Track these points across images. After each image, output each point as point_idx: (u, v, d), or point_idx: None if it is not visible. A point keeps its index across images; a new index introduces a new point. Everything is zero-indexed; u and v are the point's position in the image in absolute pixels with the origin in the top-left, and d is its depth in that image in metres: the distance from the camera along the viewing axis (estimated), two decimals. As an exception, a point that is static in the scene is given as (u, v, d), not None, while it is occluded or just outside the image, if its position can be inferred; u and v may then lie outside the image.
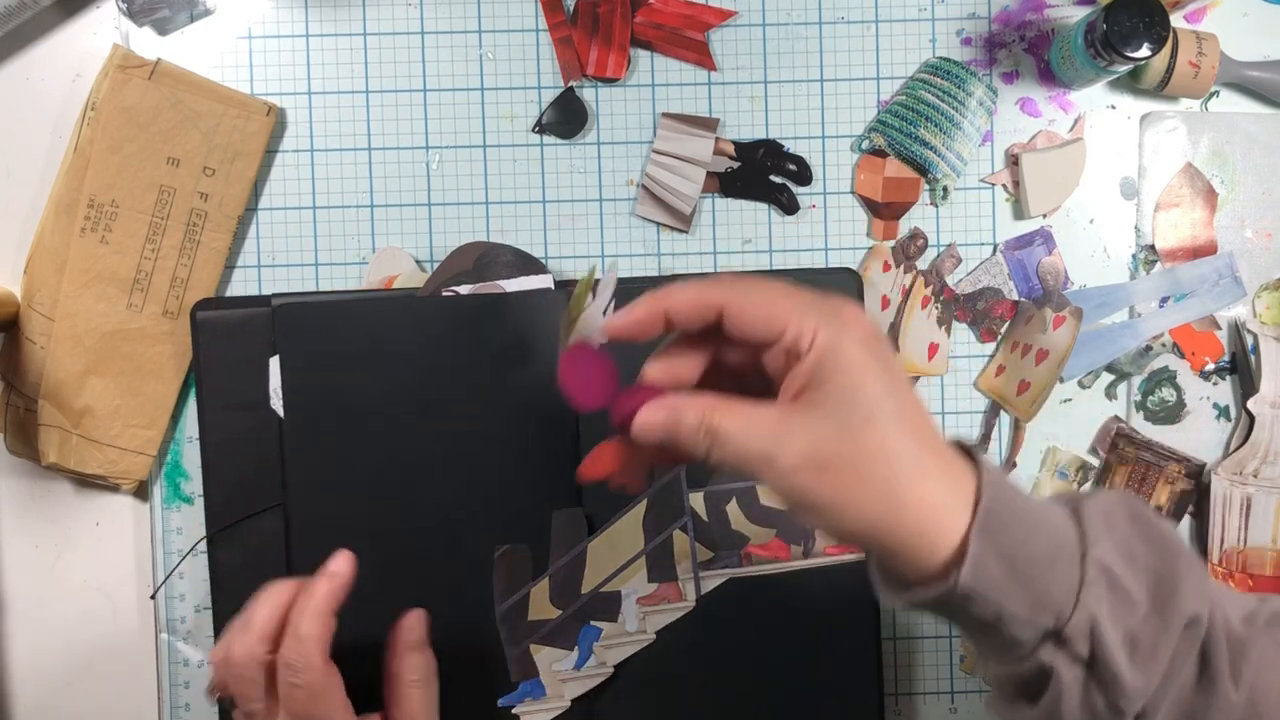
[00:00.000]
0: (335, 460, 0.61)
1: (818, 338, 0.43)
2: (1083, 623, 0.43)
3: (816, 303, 0.44)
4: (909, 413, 0.43)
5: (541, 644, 0.66)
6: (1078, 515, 0.45)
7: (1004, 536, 0.42)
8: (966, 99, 0.70)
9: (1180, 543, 0.46)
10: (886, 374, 0.43)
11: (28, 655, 0.70)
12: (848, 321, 0.43)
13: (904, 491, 0.42)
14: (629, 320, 0.46)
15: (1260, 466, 0.70)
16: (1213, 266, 0.71)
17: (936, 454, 0.43)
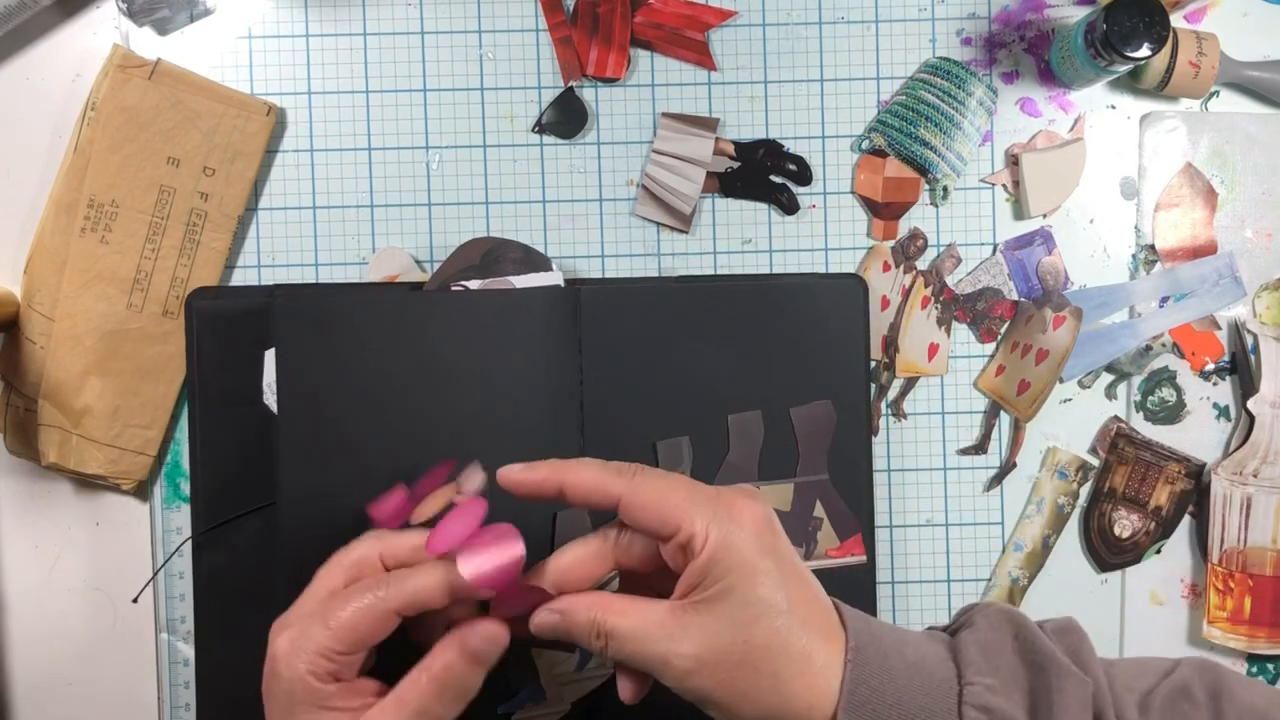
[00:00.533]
0: (330, 458, 0.61)
1: (710, 537, 0.45)
2: None
3: (709, 500, 0.47)
4: (795, 602, 0.46)
5: (541, 647, 0.66)
6: (955, 652, 0.48)
7: (874, 704, 0.45)
8: (966, 99, 0.70)
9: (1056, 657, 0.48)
10: (776, 568, 0.46)
11: (28, 655, 0.70)
12: (738, 519, 0.46)
13: (791, 682, 0.45)
14: (526, 478, 0.49)
15: (1260, 466, 0.70)
16: (1213, 266, 0.71)
17: (818, 633, 0.46)
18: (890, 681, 0.46)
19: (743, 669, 0.45)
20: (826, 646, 0.46)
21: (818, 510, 0.67)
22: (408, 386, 0.65)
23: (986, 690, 0.46)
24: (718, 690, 0.46)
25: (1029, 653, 0.48)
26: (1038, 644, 0.48)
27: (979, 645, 0.48)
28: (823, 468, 0.67)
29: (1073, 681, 0.47)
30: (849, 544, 0.67)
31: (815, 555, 0.67)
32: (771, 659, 0.45)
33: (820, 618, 0.47)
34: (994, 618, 0.49)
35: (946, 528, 0.71)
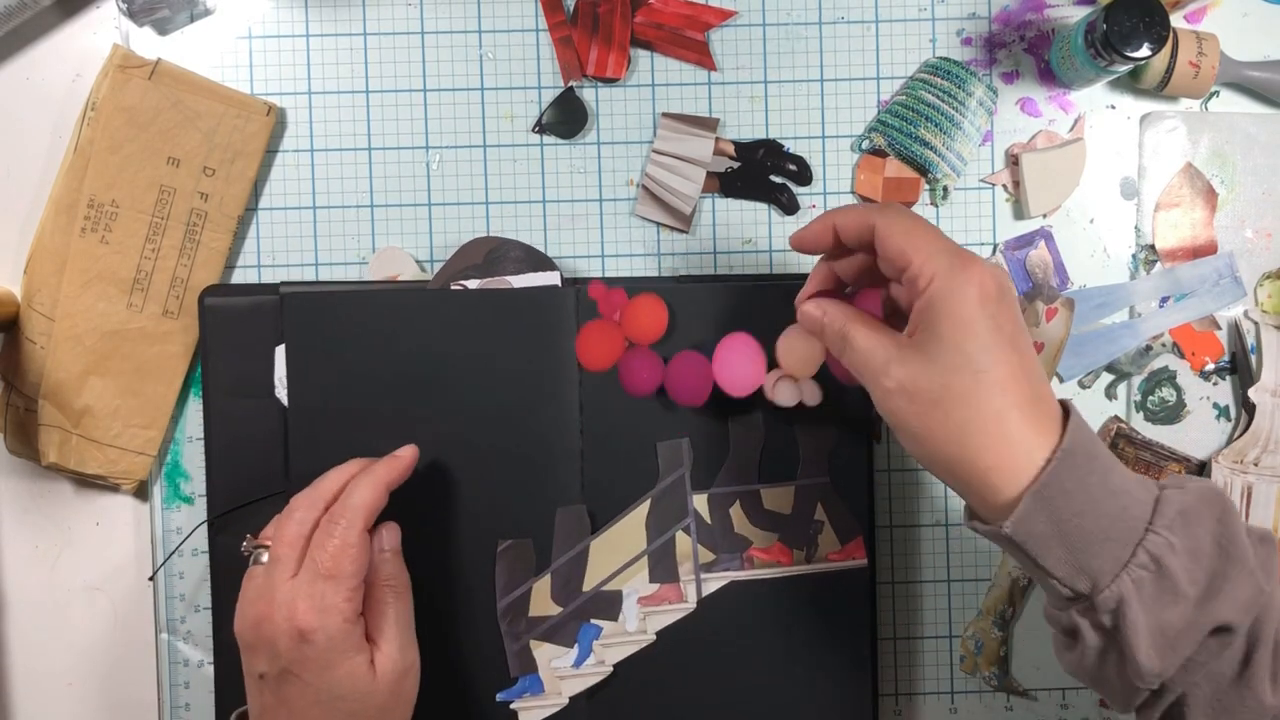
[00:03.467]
0: (338, 450, 0.61)
1: (934, 282, 0.49)
2: (1110, 600, 0.48)
3: (947, 250, 0.50)
4: (1000, 371, 0.48)
5: (541, 640, 0.66)
6: (1159, 501, 0.49)
7: (1060, 503, 0.47)
8: (966, 99, 0.70)
9: (1247, 554, 0.49)
10: (988, 332, 0.48)
11: (28, 655, 0.70)
12: (968, 274, 0.49)
13: (977, 437, 0.48)
14: (808, 233, 0.55)
15: (1261, 455, 0.70)
16: (1213, 266, 0.71)
17: (1021, 411, 0.48)
18: (1085, 493, 0.48)
19: (935, 409, 0.49)
20: (1030, 429, 0.48)
21: (818, 513, 0.67)
22: (411, 382, 0.66)
23: (1168, 546, 0.48)
24: (910, 419, 0.50)
25: (1224, 537, 0.49)
26: (1236, 535, 0.49)
27: (1181, 507, 0.49)
28: (824, 470, 0.67)
29: (1251, 583, 0.48)
30: (850, 547, 0.67)
31: (816, 558, 0.67)
32: (963, 409, 0.48)
33: (1029, 400, 0.48)
34: (1206, 493, 0.50)
35: (947, 528, 0.71)
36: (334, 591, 0.55)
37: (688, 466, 0.66)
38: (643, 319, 0.65)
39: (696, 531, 0.67)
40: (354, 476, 0.59)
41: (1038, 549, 0.48)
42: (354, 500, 0.57)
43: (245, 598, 0.57)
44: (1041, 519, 0.48)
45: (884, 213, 0.52)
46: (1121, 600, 0.48)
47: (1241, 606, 0.48)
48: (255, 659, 0.56)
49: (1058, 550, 0.48)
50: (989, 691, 0.72)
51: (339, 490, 0.59)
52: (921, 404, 0.49)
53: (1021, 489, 0.48)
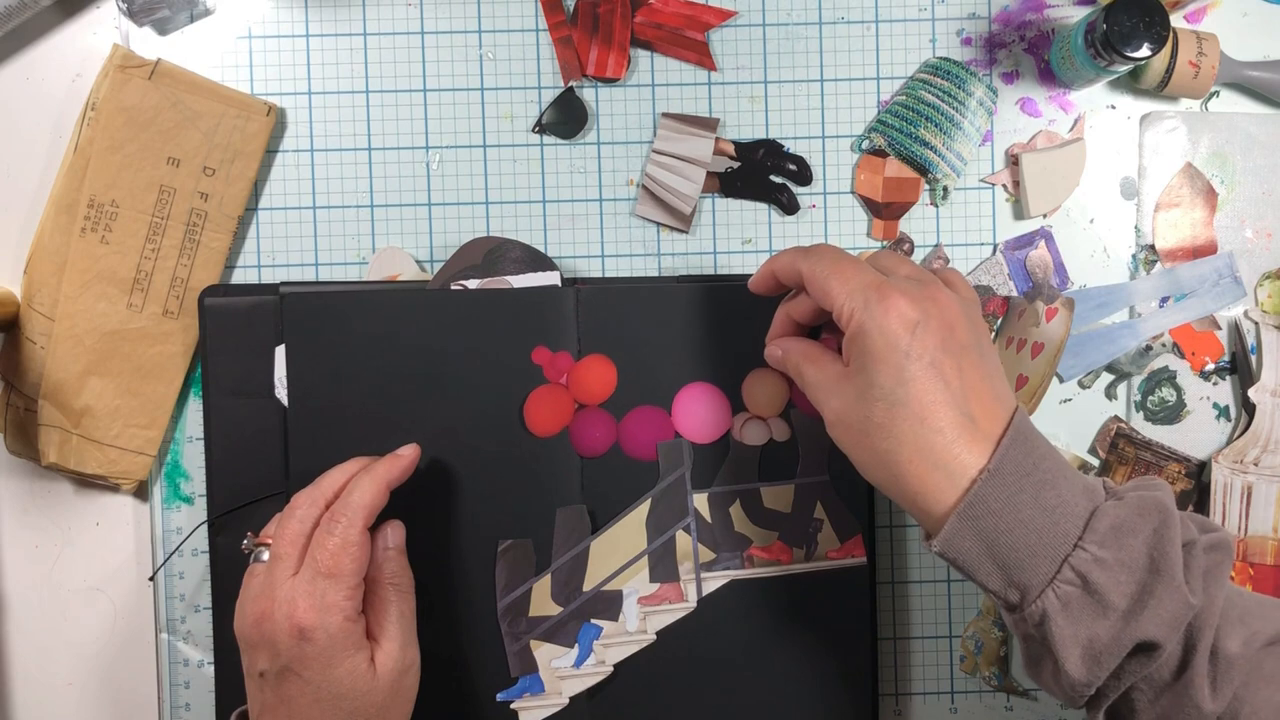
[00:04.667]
0: (338, 450, 0.61)
1: (853, 319, 0.52)
2: (1035, 614, 0.50)
3: (863, 288, 0.52)
4: (917, 401, 0.50)
5: (542, 640, 0.66)
6: (1093, 516, 0.50)
7: (987, 522, 0.49)
8: (966, 99, 0.70)
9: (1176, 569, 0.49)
10: (904, 363, 0.50)
11: (28, 655, 0.70)
12: (884, 306, 0.51)
13: (901, 465, 0.51)
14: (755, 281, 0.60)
15: (1261, 455, 0.70)
16: (1213, 266, 0.71)
17: (945, 436, 0.50)
18: (1013, 512, 0.49)
19: (863, 439, 0.52)
20: (961, 450, 0.50)
21: (818, 511, 0.67)
22: (411, 382, 0.66)
23: (1095, 563, 0.49)
24: (847, 448, 0.53)
25: (1157, 550, 0.49)
26: (1167, 548, 0.49)
27: (1114, 520, 0.50)
28: (823, 469, 0.67)
29: (1177, 599, 0.49)
30: (849, 545, 0.67)
31: (816, 557, 0.67)
32: (884, 439, 0.51)
33: (956, 425, 0.50)
34: (1144, 505, 0.50)
35: (946, 528, 0.71)
36: (334, 590, 0.55)
37: (688, 466, 0.66)
38: (589, 381, 0.66)
39: (696, 531, 0.67)
40: (355, 475, 0.59)
41: (968, 565, 0.50)
42: (354, 499, 0.57)
43: (246, 596, 0.58)
44: (968, 537, 0.50)
45: (808, 256, 0.55)
46: (1045, 614, 0.49)
47: (1166, 623, 0.49)
48: (256, 657, 0.57)
49: (988, 565, 0.50)
50: (989, 691, 0.72)
51: (340, 489, 0.59)
52: (853, 434, 0.52)
53: (948, 509, 0.50)
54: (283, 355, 0.66)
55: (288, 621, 0.55)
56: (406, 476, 0.60)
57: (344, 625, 0.56)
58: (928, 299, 0.52)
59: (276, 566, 0.57)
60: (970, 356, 0.52)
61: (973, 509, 0.49)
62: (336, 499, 0.58)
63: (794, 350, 0.58)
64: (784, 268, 0.57)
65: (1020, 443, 0.51)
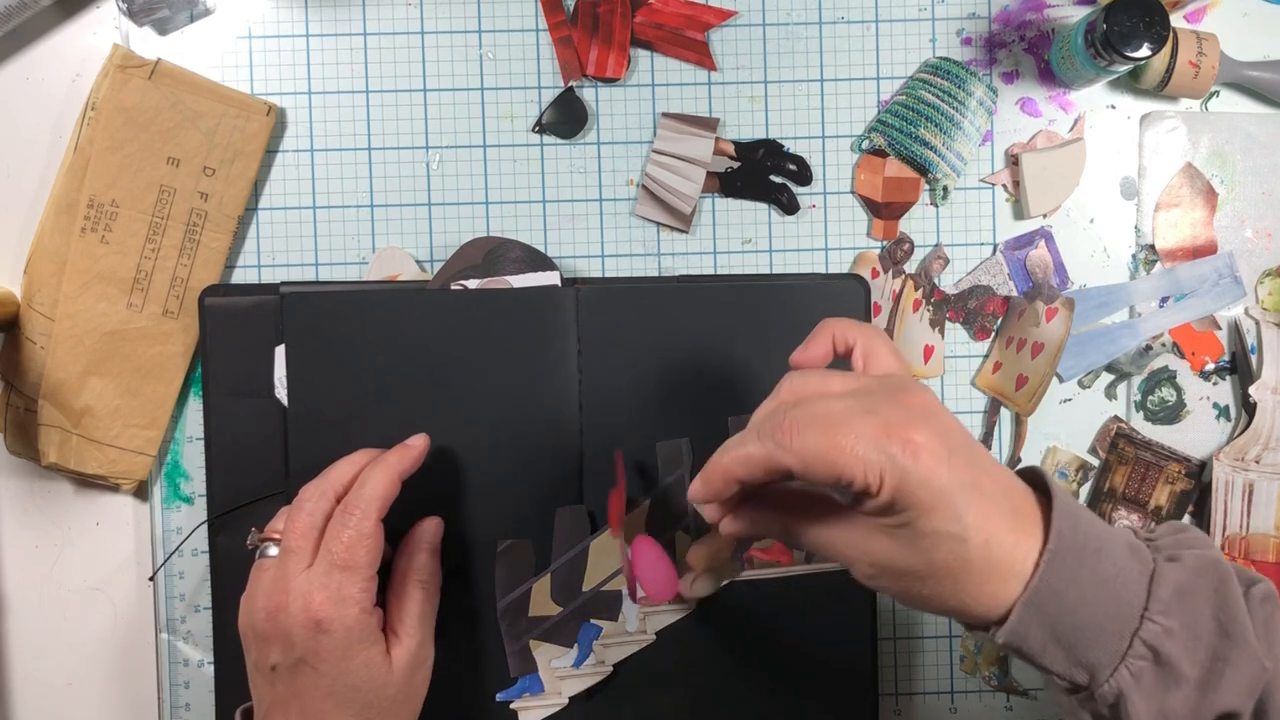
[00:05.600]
0: (338, 450, 0.61)
1: (885, 481, 0.45)
2: (1110, 694, 0.47)
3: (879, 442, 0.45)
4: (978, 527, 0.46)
5: (541, 640, 0.66)
6: (1152, 582, 0.47)
7: (1052, 606, 0.46)
8: (966, 99, 0.70)
9: (1247, 631, 0.47)
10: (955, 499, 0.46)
11: (28, 655, 0.70)
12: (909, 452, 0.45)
13: (968, 592, 0.47)
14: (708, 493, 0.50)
15: (1262, 453, 0.70)
16: (1213, 266, 0.71)
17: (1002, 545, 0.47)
18: (1076, 591, 0.47)
19: (925, 581, 0.47)
20: (1017, 550, 0.47)
21: None
22: (410, 382, 0.66)
23: (1164, 633, 0.46)
24: (900, 593, 0.48)
25: (1222, 613, 0.47)
26: (1234, 609, 0.47)
27: (1176, 586, 0.47)
28: None
29: (1252, 664, 0.47)
30: (849, 544, 0.67)
31: (816, 558, 0.67)
32: (953, 576, 0.47)
33: (1009, 527, 0.47)
34: (1203, 565, 0.48)
35: (946, 528, 0.71)
36: (350, 582, 0.56)
37: (687, 466, 0.66)
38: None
39: (696, 531, 0.67)
40: (364, 467, 0.59)
41: (1033, 652, 0.48)
42: (367, 491, 0.57)
43: (257, 589, 0.57)
44: (1034, 625, 0.47)
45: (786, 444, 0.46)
46: (1120, 694, 0.47)
47: (1244, 690, 0.47)
48: (268, 650, 0.56)
49: (1054, 650, 0.47)
50: (989, 691, 0.72)
51: (349, 481, 0.59)
52: (905, 580, 0.48)
53: (1012, 601, 0.47)
54: (283, 355, 0.66)
55: (304, 614, 0.55)
56: (417, 466, 0.60)
57: (360, 618, 0.56)
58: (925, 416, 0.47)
59: (289, 559, 0.56)
60: (975, 447, 0.48)
61: (1037, 595, 0.47)
62: (347, 491, 0.58)
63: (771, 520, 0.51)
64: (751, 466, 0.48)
65: (1067, 517, 0.48)
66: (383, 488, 0.58)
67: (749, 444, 0.48)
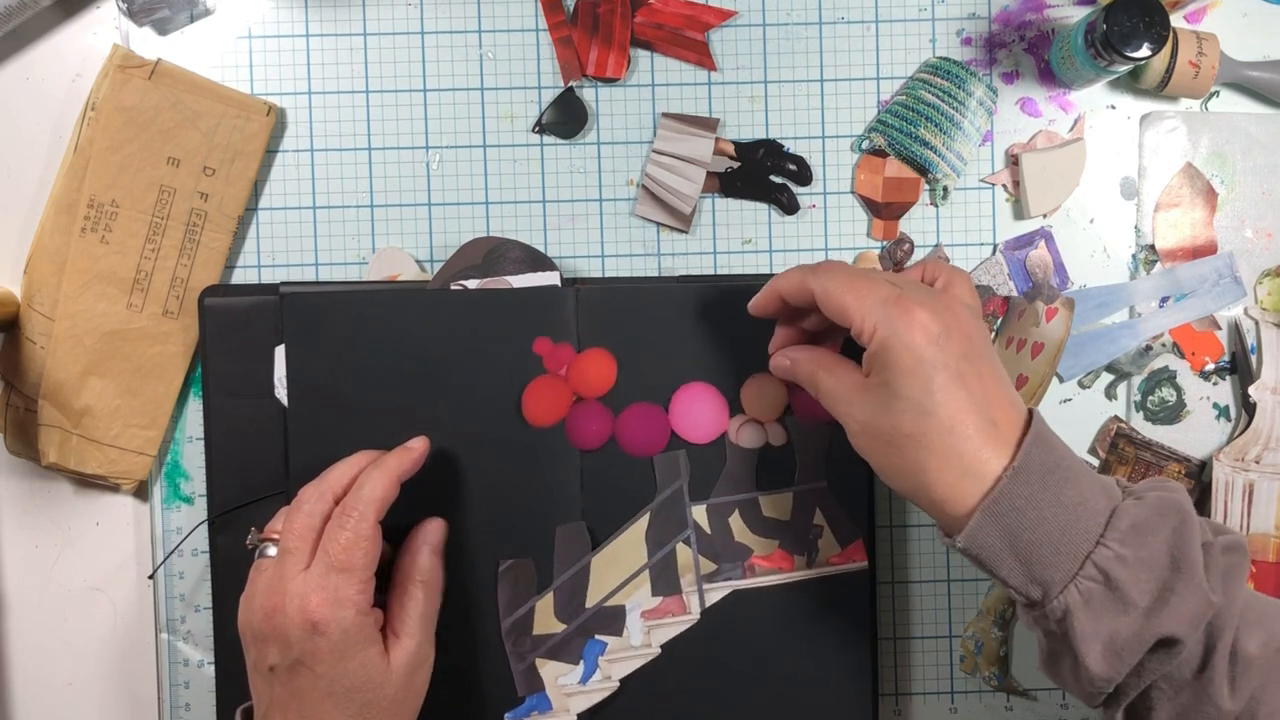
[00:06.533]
0: (338, 450, 0.61)
1: (876, 335, 0.52)
2: (1058, 609, 0.50)
3: (884, 298, 0.52)
4: (946, 410, 0.51)
5: (547, 658, 0.66)
6: (1114, 514, 0.51)
7: (1011, 519, 0.50)
8: (966, 99, 0.70)
9: (1197, 567, 0.50)
10: (932, 375, 0.51)
11: (28, 655, 0.70)
12: (907, 320, 0.51)
13: (930, 473, 0.51)
14: (758, 303, 0.60)
15: (1262, 453, 0.70)
16: (1213, 266, 0.71)
17: (971, 442, 0.51)
18: (1035, 509, 0.50)
19: (891, 448, 0.52)
20: (985, 452, 0.51)
21: (817, 518, 0.67)
22: (410, 382, 0.66)
23: (1117, 559, 0.50)
24: (873, 456, 0.54)
25: (1177, 549, 0.50)
26: (1188, 547, 0.50)
27: (1134, 519, 0.51)
28: (821, 475, 0.67)
29: (1198, 596, 0.50)
30: (850, 550, 0.67)
31: (817, 563, 0.67)
32: (914, 449, 0.51)
33: (980, 430, 0.51)
34: (1163, 504, 0.51)
35: (946, 528, 0.71)
36: (347, 584, 0.56)
37: (685, 478, 0.66)
38: (589, 373, 0.66)
39: (697, 542, 0.66)
40: (363, 468, 0.59)
41: (991, 561, 0.51)
42: (365, 492, 0.57)
43: (255, 589, 0.58)
44: (992, 533, 0.50)
45: (818, 275, 0.55)
46: (1068, 610, 0.50)
47: (1187, 620, 0.49)
48: (266, 650, 0.57)
49: (1010, 561, 0.51)
50: (989, 691, 0.72)
51: (348, 482, 0.59)
52: (879, 443, 0.53)
53: (973, 506, 0.51)
54: (283, 355, 0.66)
55: (300, 615, 0.55)
56: (417, 469, 0.60)
57: (357, 619, 0.56)
58: (946, 310, 0.53)
59: (287, 560, 0.57)
60: (987, 363, 0.53)
61: (997, 505, 0.50)
62: (346, 493, 0.58)
63: (806, 360, 0.58)
64: (792, 287, 0.57)
65: (1041, 442, 0.51)
66: (381, 490, 0.58)
67: (797, 269, 0.57)
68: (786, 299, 0.58)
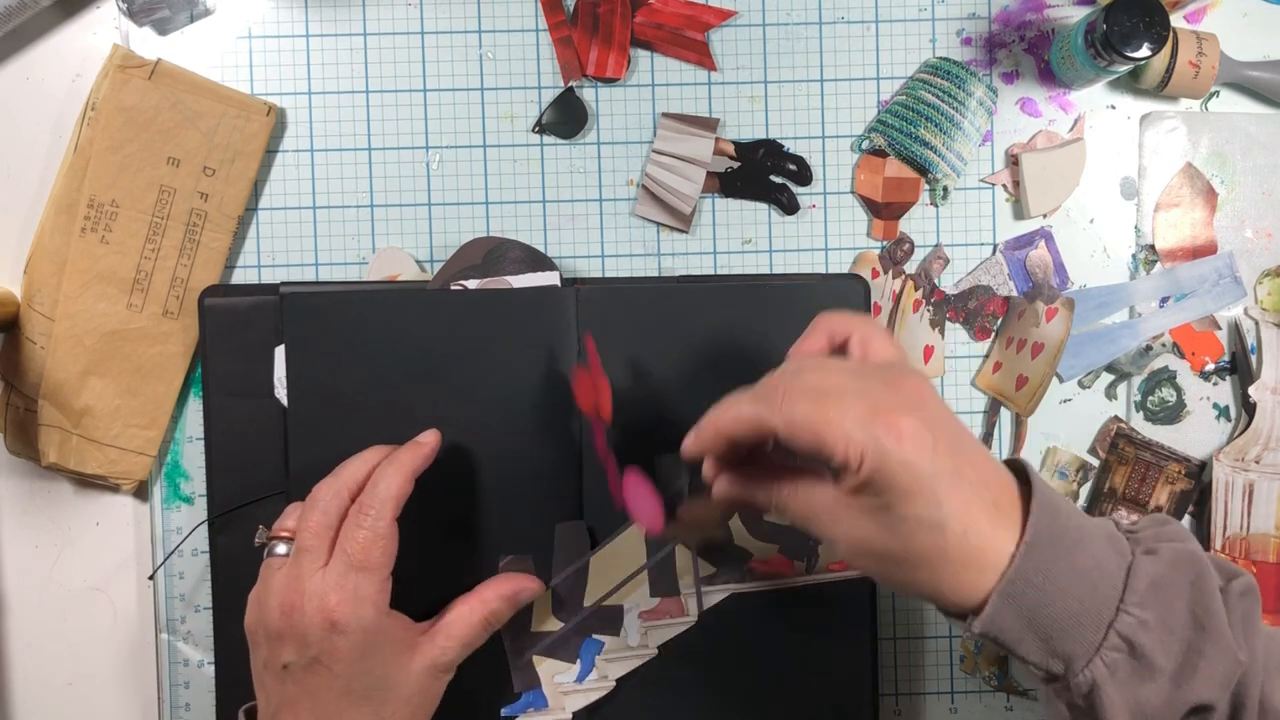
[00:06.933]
0: (338, 450, 0.61)
1: (865, 460, 0.46)
2: (1084, 684, 0.47)
3: (865, 420, 0.47)
4: (958, 517, 0.47)
5: (544, 655, 0.66)
6: (1129, 574, 0.48)
7: (1028, 597, 0.47)
8: (966, 99, 0.70)
9: (1222, 624, 0.48)
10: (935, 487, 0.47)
11: (28, 655, 0.70)
12: (895, 436, 0.46)
13: (945, 580, 0.48)
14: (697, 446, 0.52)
15: (1262, 452, 0.70)
16: (1213, 266, 0.71)
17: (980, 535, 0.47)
18: (1051, 582, 0.47)
19: (901, 566, 0.48)
20: (994, 541, 0.48)
21: None
22: (410, 382, 0.66)
23: (1139, 625, 0.47)
24: (877, 572, 0.50)
25: (1199, 605, 0.48)
26: (1209, 602, 0.48)
27: (1152, 579, 0.48)
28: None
29: (1226, 657, 0.48)
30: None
31: (817, 569, 0.67)
32: (929, 563, 0.48)
33: (988, 518, 0.48)
34: (1180, 558, 0.49)
35: (946, 528, 0.71)
36: (367, 583, 0.56)
37: (686, 479, 0.66)
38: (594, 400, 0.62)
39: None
40: (376, 465, 0.59)
41: (1010, 641, 0.48)
42: (381, 490, 0.57)
43: (268, 588, 0.57)
44: (1010, 615, 0.48)
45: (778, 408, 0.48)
46: (1094, 685, 0.47)
47: (1218, 683, 0.48)
48: (280, 649, 0.56)
49: (1030, 640, 0.48)
50: (989, 691, 0.72)
51: (363, 479, 0.59)
52: (883, 563, 0.49)
53: (988, 591, 0.48)
54: (283, 355, 0.66)
55: (319, 615, 0.55)
56: (429, 463, 0.60)
57: (377, 618, 0.56)
58: (918, 404, 0.48)
59: (303, 559, 0.56)
60: (964, 438, 0.49)
61: (1013, 586, 0.47)
62: (360, 489, 0.58)
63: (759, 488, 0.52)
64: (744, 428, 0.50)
65: (1045, 508, 0.49)
66: (397, 487, 0.57)
67: (743, 403, 0.50)
68: (736, 440, 0.50)
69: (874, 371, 0.50)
